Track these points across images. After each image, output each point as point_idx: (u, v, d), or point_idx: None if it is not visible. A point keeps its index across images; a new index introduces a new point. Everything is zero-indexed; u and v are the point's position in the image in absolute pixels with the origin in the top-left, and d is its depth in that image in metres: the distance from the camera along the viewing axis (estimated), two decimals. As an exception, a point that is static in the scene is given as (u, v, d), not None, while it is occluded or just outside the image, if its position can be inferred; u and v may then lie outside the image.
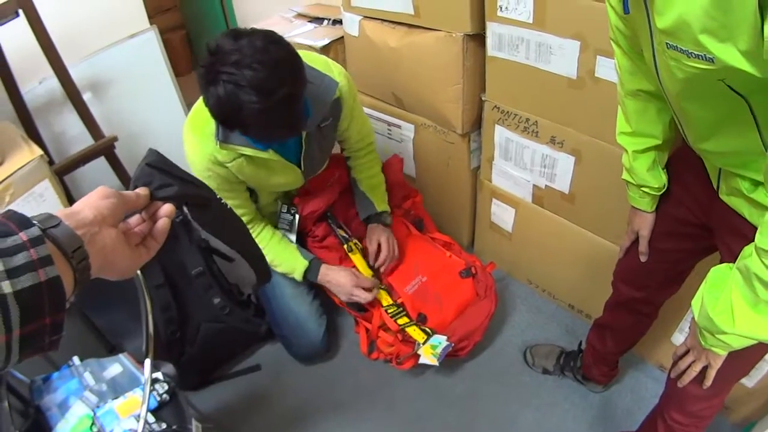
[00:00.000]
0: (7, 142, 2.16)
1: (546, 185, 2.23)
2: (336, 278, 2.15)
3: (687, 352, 1.29)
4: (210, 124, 1.75)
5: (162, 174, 0.90)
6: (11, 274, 0.55)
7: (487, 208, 2.60)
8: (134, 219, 0.85)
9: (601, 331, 2.01)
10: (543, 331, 2.47)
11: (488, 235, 2.70)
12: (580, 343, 2.22)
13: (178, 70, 3.47)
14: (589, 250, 2.20)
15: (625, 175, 1.53)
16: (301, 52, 1.76)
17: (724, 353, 1.17)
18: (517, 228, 2.50)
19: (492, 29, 2.05)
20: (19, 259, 0.56)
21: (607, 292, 1.88)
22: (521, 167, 2.29)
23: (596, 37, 1.74)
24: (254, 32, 1.51)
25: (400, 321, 2.13)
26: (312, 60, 1.88)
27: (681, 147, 1.43)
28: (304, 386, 2.36)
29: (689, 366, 1.29)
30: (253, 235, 2.05)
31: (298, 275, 2.15)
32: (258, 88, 1.43)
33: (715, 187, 1.29)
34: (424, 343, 2.08)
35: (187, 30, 6.63)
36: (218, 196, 1.13)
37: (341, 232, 2.30)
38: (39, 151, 2.05)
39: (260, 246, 2.00)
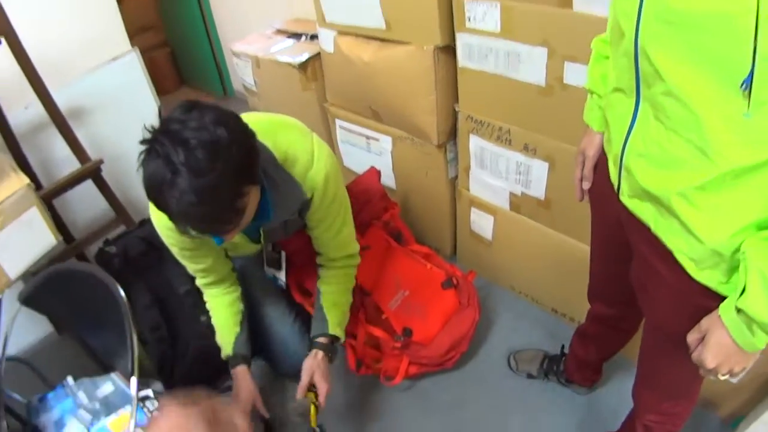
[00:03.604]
0: (-3, 170, 2.24)
1: (522, 192, 2.31)
2: (241, 392, 1.99)
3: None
4: None
5: None
6: None
7: (466, 216, 2.67)
8: None
9: (583, 339, 2.07)
10: (527, 337, 2.54)
11: (470, 244, 2.77)
12: (563, 347, 2.29)
13: (165, 87, 3.56)
14: (567, 254, 2.28)
15: (586, 83, 1.48)
16: (278, 137, 1.72)
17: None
18: (496, 235, 2.58)
19: (462, 40, 2.15)
20: None
21: (586, 293, 1.93)
22: (497, 175, 2.38)
23: (563, 43, 1.83)
24: (209, 108, 1.39)
25: None
26: (291, 149, 1.75)
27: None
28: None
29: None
30: (214, 296, 2.08)
31: (222, 355, 2.07)
32: (188, 167, 1.29)
33: (615, 187, 1.28)
34: None
35: (171, 48, 6.71)
36: None
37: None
38: (26, 180, 2.13)
39: (211, 311, 2.08)
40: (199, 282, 2.08)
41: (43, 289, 1.99)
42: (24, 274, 2.16)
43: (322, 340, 2.01)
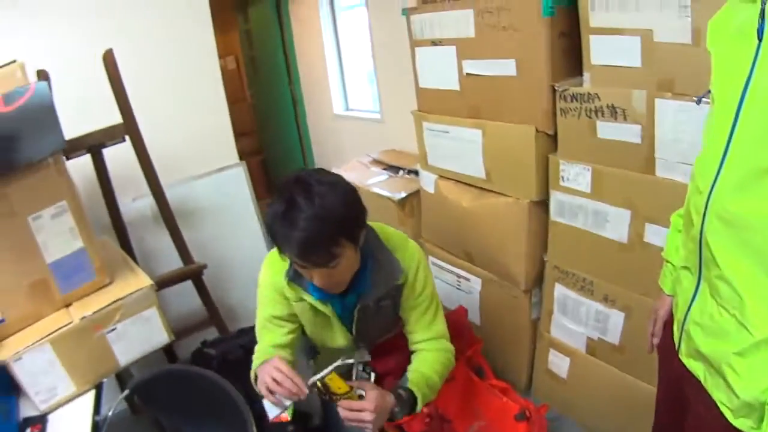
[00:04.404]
0: (112, 261, 2.51)
1: (599, 337, 2.50)
2: (263, 367, 1.89)
3: None
4: (286, 264, 1.91)
5: None
6: None
7: (545, 356, 2.85)
8: None
9: None
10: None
11: (545, 380, 2.92)
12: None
13: (254, 194, 3.85)
14: (637, 397, 2.40)
15: (664, 252, 1.70)
16: (381, 226, 2.04)
17: None
18: (571, 375, 2.74)
19: (555, 197, 2.44)
20: None
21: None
22: (577, 321, 2.58)
23: (645, 206, 2.10)
24: (335, 174, 1.78)
25: None
26: (391, 235, 2.05)
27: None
28: None
29: None
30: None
31: (252, 377, 2.04)
32: (305, 203, 1.62)
33: (676, 346, 1.50)
34: None
35: (264, 156, 7.10)
36: None
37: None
38: (149, 281, 2.36)
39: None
40: (260, 355, 2.08)
41: (155, 382, 2.26)
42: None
43: (398, 390, 1.95)
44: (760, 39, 1.10)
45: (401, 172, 3.66)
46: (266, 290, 2.05)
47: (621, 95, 2.04)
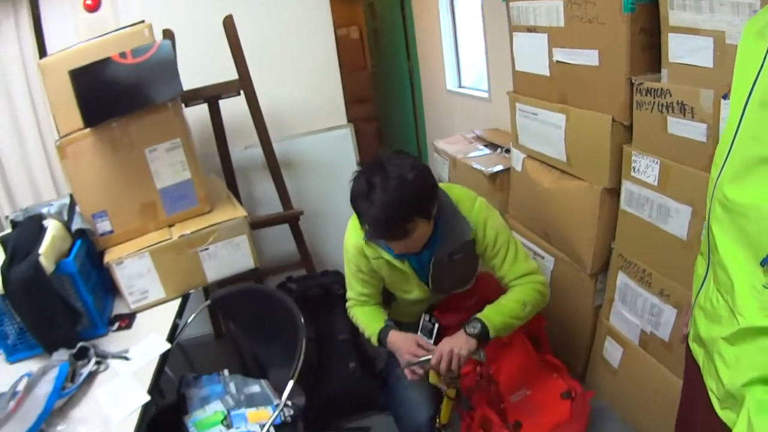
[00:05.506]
0: (216, 194, 2.89)
1: (651, 331, 2.60)
2: (397, 342, 2.34)
3: None
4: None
5: None
6: None
7: (601, 343, 2.97)
8: None
9: None
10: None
11: (598, 367, 3.04)
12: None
13: (365, 157, 4.07)
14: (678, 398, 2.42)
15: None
16: (453, 188, 2.32)
17: None
18: (622, 366, 2.84)
19: (626, 186, 2.56)
20: None
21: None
22: (634, 312, 2.68)
23: (705, 204, 2.15)
24: (410, 156, 2.13)
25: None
26: (461, 196, 2.34)
27: None
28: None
29: None
30: (360, 310, 2.51)
31: (374, 339, 2.42)
32: (381, 188, 1.97)
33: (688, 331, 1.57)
34: None
35: (379, 123, 7.39)
36: None
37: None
38: (243, 212, 2.71)
39: (357, 316, 2.48)
40: (353, 302, 2.54)
41: (234, 297, 2.61)
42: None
43: (471, 322, 2.25)
44: None
45: (499, 150, 3.83)
46: (350, 248, 2.39)
47: (690, 93, 2.13)
